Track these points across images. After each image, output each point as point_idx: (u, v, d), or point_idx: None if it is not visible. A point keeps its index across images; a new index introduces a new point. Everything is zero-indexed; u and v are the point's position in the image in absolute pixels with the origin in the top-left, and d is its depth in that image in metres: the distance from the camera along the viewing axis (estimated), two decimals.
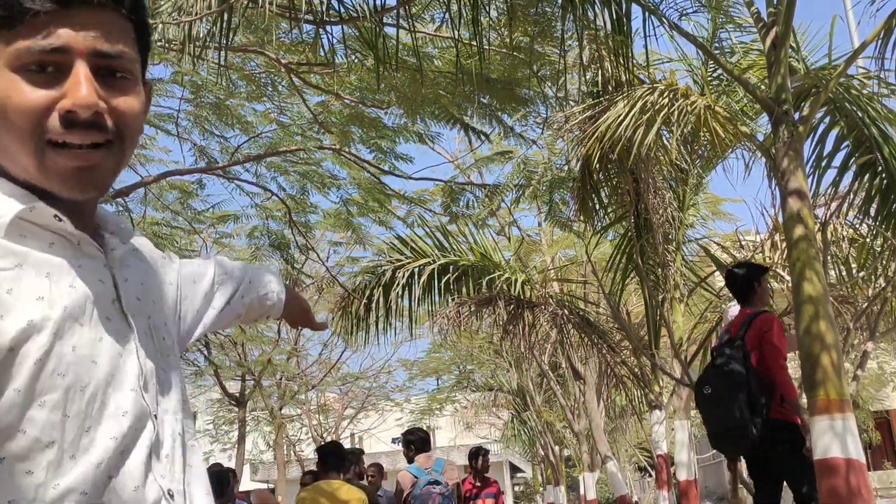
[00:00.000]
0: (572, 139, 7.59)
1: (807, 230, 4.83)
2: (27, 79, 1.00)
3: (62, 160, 1.01)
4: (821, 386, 4.56)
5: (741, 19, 7.60)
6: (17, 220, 1.01)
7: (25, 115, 0.99)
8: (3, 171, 1.07)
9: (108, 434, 1.01)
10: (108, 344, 1.04)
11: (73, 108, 0.99)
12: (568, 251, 16.40)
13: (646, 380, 9.40)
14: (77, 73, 1.00)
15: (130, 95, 1.06)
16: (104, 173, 1.05)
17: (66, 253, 1.05)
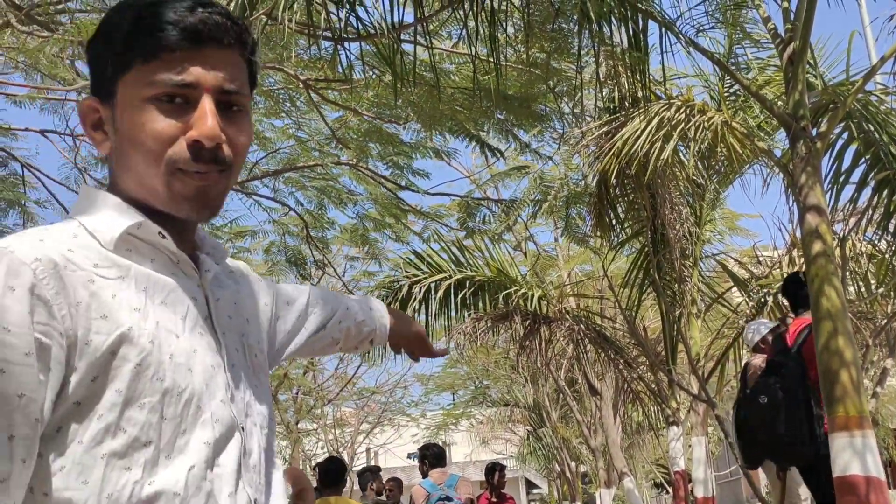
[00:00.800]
0: (589, 155, 7.60)
1: (825, 246, 4.81)
2: (159, 108, 1.09)
3: (187, 183, 1.11)
4: (840, 402, 4.53)
5: (758, 35, 7.60)
6: (126, 236, 1.11)
7: (156, 141, 1.09)
8: (118, 191, 1.16)
9: (202, 439, 1.08)
10: (201, 356, 1.12)
11: (199, 139, 1.09)
12: (584, 266, 16.37)
13: (663, 396, 9.35)
14: (203, 107, 1.10)
15: (244, 128, 1.17)
16: (219, 195, 1.15)
17: (164, 270, 1.14)
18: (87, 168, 9.17)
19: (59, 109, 8.58)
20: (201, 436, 1.07)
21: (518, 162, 11.67)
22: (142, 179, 1.12)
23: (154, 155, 1.09)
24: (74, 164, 9.06)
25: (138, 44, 1.09)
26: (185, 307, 1.13)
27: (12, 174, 9.19)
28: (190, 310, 1.14)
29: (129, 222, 1.11)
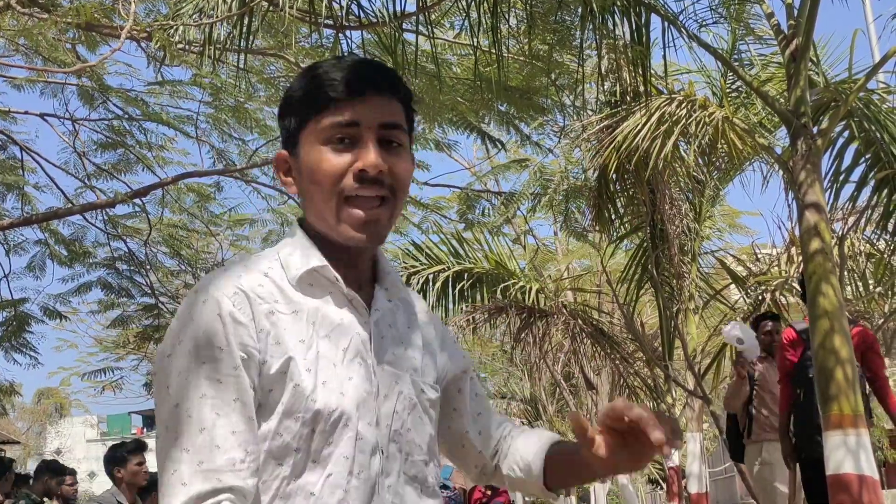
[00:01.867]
0: (589, 148, 7.59)
1: (823, 244, 4.80)
2: (331, 149, 1.30)
3: (355, 212, 1.29)
4: (834, 401, 4.53)
5: (761, 31, 7.57)
6: (308, 274, 1.31)
7: (330, 176, 1.29)
8: (307, 226, 1.37)
9: (343, 453, 1.25)
10: (355, 383, 1.29)
11: (364, 168, 1.28)
12: (583, 261, 16.36)
13: (659, 391, 9.36)
14: (367, 142, 1.29)
15: (403, 160, 1.34)
16: (383, 225, 1.32)
17: (336, 305, 1.33)
18: (87, 152, 9.14)
19: (59, 93, 8.56)
20: (344, 450, 1.25)
21: (518, 155, 11.65)
22: (320, 212, 1.33)
23: (328, 188, 1.29)
24: (73, 148, 9.04)
25: (313, 100, 1.32)
26: (347, 340, 1.31)
27: (11, 158, 9.17)
28: (353, 343, 1.31)
29: (311, 264, 1.32)
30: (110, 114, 8.74)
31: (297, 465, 1.23)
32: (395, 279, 1.43)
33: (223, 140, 9.14)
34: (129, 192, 8.78)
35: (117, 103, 8.55)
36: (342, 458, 1.25)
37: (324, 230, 1.34)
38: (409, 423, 1.34)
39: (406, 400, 1.35)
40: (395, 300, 1.43)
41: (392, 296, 1.42)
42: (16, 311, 9.84)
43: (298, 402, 1.23)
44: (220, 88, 8.24)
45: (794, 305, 8.59)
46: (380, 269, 1.42)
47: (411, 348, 1.41)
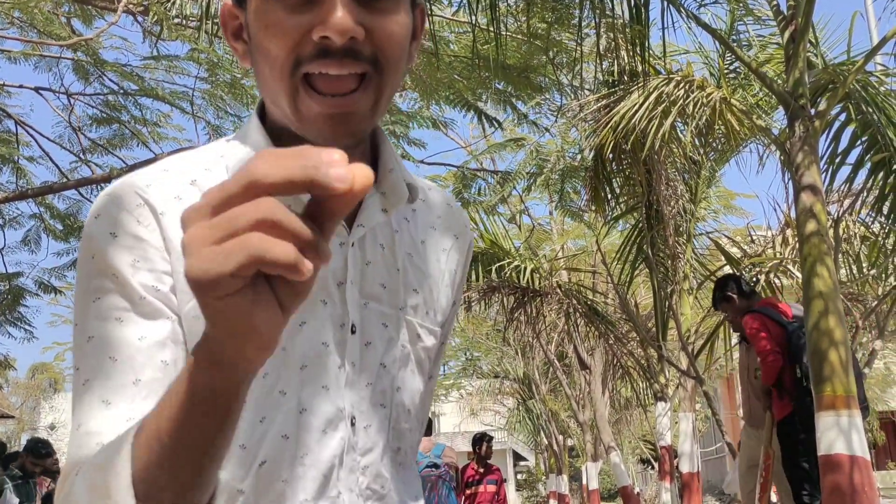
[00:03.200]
0: (586, 128, 7.58)
1: (819, 226, 4.81)
2: (283, 5, 0.88)
3: (315, 106, 0.88)
4: (827, 382, 4.56)
5: (760, 12, 7.55)
6: None
7: (280, 46, 0.88)
8: (265, 113, 1.00)
9: (281, 431, 0.92)
10: (309, 331, 0.94)
11: (326, 34, 0.85)
12: (578, 241, 16.38)
13: (652, 371, 9.40)
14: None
15: (392, 17, 0.90)
16: (359, 118, 0.90)
17: None
18: (82, 127, 9.10)
19: (54, 67, 8.52)
20: (281, 428, 0.91)
21: (515, 134, 11.63)
22: (273, 96, 0.93)
23: (279, 63, 0.89)
24: (69, 122, 9.01)
25: None
26: None
27: (6, 131, 9.13)
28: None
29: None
30: (105, 89, 8.70)
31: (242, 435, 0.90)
32: (399, 179, 1.01)
33: (219, 117, 9.11)
34: (124, 168, 8.75)
35: (113, 78, 8.51)
36: (279, 438, 0.91)
37: (280, 119, 0.95)
38: (399, 380, 1.00)
39: (398, 349, 1.00)
40: (397, 209, 1.03)
41: (391, 204, 1.01)
42: (10, 284, 9.84)
43: None
44: (216, 64, 8.20)
45: (788, 287, 8.62)
46: (380, 164, 1.01)
47: (414, 276, 1.05)
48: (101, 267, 0.88)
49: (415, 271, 1.05)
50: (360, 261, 0.99)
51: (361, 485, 0.95)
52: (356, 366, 0.96)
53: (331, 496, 0.93)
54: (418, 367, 1.04)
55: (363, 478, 0.96)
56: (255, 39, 0.92)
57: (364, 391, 0.96)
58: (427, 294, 1.06)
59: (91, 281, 0.89)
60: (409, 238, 1.06)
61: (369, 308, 0.98)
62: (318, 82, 0.88)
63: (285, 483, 0.91)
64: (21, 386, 39.61)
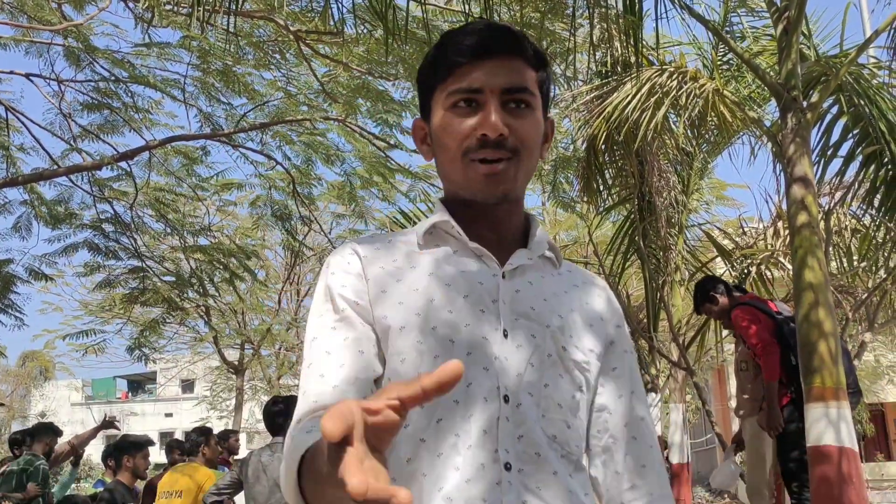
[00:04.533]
0: (579, 119, 7.57)
1: (810, 218, 4.82)
2: (456, 113, 1.32)
3: (479, 171, 1.31)
4: (817, 373, 4.57)
5: (754, 3, 7.55)
6: (432, 231, 1.38)
7: (454, 139, 1.32)
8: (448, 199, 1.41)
9: (452, 396, 1.25)
10: (472, 329, 1.29)
11: (485, 132, 1.29)
12: (570, 232, 16.39)
13: (643, 362, 9.42)
14: (489, 106, 1.30)
15: (528, 121, 1.33)
16: (508, 178, 1.31)
17: (462, 257, 1.36)
18: (72, 114, 9.05)
19: (45, 53, 8.46)
20: (453, 394, 1.21)
21: None
22: (448, 174, 1.37)
23: (453, 151, 1.32)
24: (59, 109, 8.95)
25: (440, 65, 1.35)
26: (468, 288, 1.31)
27: None
28: (474, 291, 1.31)
29: (433, 220, 1.37)
30: (97, 75, 8.65)
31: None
32: (544, 241, 1.41)
33: (210, 104, 9.07)
34: (115, 155, 8.71)
35: (104, 65, 8.46)
36: (451, 402, 1.23)
37: (454, 190, 1.38)
38: (546, 378, 1.29)
39: (542, 353, 1.30)
40: (543, 264, 1.41)
41: (534, 253, 1.39)
42: (0, 271, 9.79)
43: (402, 342, 1.27)
44: (208, 52, 8.16)
45: (780, 279, 8.64)
46: (531, 235, 1.41)
47: (557, 305, 1.36)
48: (325, 293, 1.33)
49: (559, 304, 1.37)
50: (511, 288, 1.34)
51: (518, 449, 1.23)
52: (508, 360, 1.27)
53: (490, 449, 1.22)
54: (567, 373, 1.31)
55: (518, 444, 1.23)
56: (438, 138, 1.36)
57: (514, 380, 1.26)
58: (570, 321, 1.36)
59: (319, 303, 1.33)
60: (554, 285, 1.40)
61: (519, 322, 1.31)
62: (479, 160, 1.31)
63: (457, 436, 1.22)
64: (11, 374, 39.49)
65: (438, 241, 1.38)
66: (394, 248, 1.37)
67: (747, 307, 5.78)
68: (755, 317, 5.71)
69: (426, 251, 1.36)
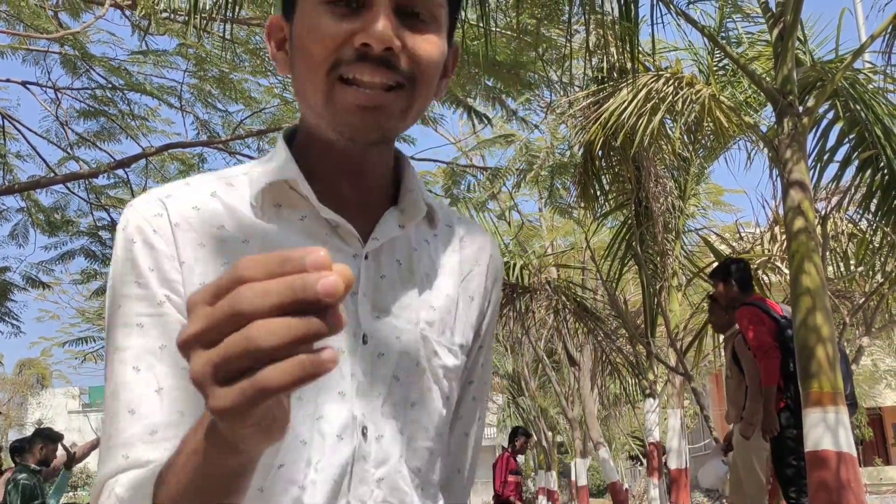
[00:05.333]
0: (575, 125, 7.57)
1: (807, 223, 4.83)
2: (331, 12, 0.93)
3: (349, 97, 0.92)
4: (815, 378, 4.57)
5: (749, 9, 7.58)
6: (275, 187, 0.98)
7: (322, 46, 0.93)
8: (301, 123, 1.04)
9: (299, 436, 0.92)
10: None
11: (368, 42, 0.91)
12: (567, 238, 16.40)
13: (640, 368, 9.43)
14: (377, 8, 0.92)
15: (430, 39, 0.95)
16: (390, 115, 0.94)
17: (313, 232, 0.98)
18: (69, 121, 9.05)
19: (42, 61, 8.47)
20: (298, 433, 0.92)
21: (504, 130, 11.64)
22: (306, 97, 0.97)
23: (317, 63, 0.93)
24: (56, 116, 8.96)
25: None
26: None
27: None
28: None
29: (276, 176, 0.98)
30: (93, 83, 8.66)
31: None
32: (418, 199, 1.03)
33: (207, 111, 9.08)
34: (112, 163, 8.71)
35: (101, 72, 8.47)
36: (298, 442, 0.92)
37: (313, 122, 1.00)
38: (413, 396, 1.00)
39: (410, 363, 0.99)
40: (417, 228, 1.06)
41: (408, 219, 1.03)
42: None
43: None
44: (204, 59, 8.17)
45: (777, 284, 8.65)
46: (401, 186, 1.05)
47: (430, 294, 1.04)
48: (122, 273, 0.93)
49: (432, 290, 1.05)
50: (375, 274, 1.00)
51: (377, 498, 0.95)
52: (368, 376, 0.96)
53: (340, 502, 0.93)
54: (437, 384, 1.02)
55: (378, 491, 0.95)
56: (299, 43, 0.96)
57: (376, 402, 0.96)
58: (445, 314, 1.05)
59: (115, 287, 0.93)
60: (429, 258, 1.07)
61: (382, 321, 0.99)
62: (353, 82, 0.92)
63: (301, 489, 0.92)
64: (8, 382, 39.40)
65: (280, 201, 0.99)
66: (217, 206, 0.97)
67: (752, 308, 5.73)
68: (758, 318, 5.65)
69: (262, 217, 0.98)
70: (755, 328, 5.56)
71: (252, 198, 0.98)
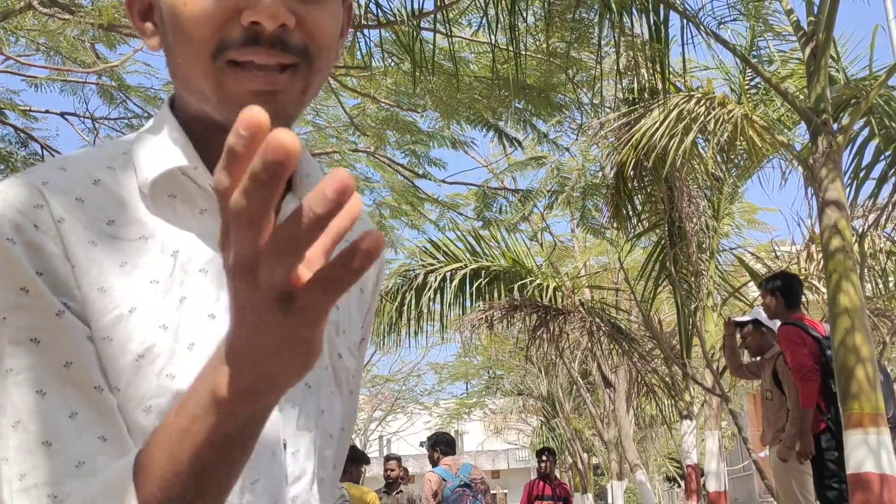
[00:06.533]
0: (607, 146, 7.57)
1: (844, 242, 4.78)
2: None
3: (242, 82, 0.80)
4: (855, 399, 4.51)
5: (780, 28, 7.54)
6: (171, 176, 0.85)
7: (202, 26, 0.80)
8: (178, 103, 0.91)
9: None
10: None
11: (256, 19, 0.78)
12: (600, 258, 16.34)
13: (676, 389, 9.34)
14: None
15: (324, 7, 0.83)
16: (288, 100, 0.82)
17: (215, 227, 0.82)
18: None
19: (79, 91, 8.63)
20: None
21: (536, 152, 11.65)
22: (188, 81, 0.84)
23: (199, 45, 0.80)
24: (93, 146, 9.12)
25: None
26: (222, 275, 0.78)
27: (32, 154, 9.25)
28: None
29: (172, 163, 0.84)
30: (129, 112, 8.81)
31: None
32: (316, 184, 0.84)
33: None
34: None
35: (137, 102, 8.62)
36: None
37: (196, 106, 0.86)
38: (322, 401, 0.90)
39: (319, 366, 0.90)
40: None
41: None
42: None
43: (145, 383, 0.78)
44: None
45: (814, 303, 8.55)
46: (296, 172, 0.91)
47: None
48: (4, 279, 0.75)
49: None
50: None
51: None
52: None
53: None
54: (338, 388, 0.94)
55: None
56: (172, 19, 0.82)
57: (290, 413, 0.86)
58: (344, 313, 0.97)
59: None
60: None
61: None
62: (244, 65, 0.80)
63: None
64: None
65: (174, 191, 0.85)
66: (103, 197, 0.83)
67: (793, 328, 5.61)
68: (800, 339, 5.55)
69: (156, 210, 0.84)
70: (795, 349, 5.47)
71: (143, 186, 0.84)
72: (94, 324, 0.78)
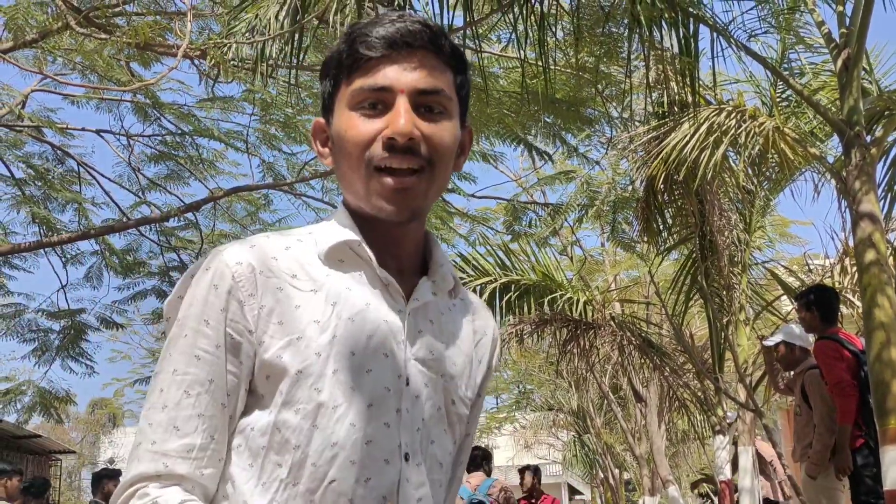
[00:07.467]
0: (637, 159, 7.55)
1: (879, 255, 4.73)
2: (361, 114, 1.16)
3: (384, 179, 1.14)
4: (891, 414, 4.45)
5: (811, 40, 7.49)
6: (338, 247, 1.19)
7: (357, 145, 1.16)
8: (345, 203, 1.25)
9: (349, 456, 1.12)
10: (375, 375, 1.15)
11: (392, 136, 1.13)
12: (631, 272, 16.26)
13: (709, 404, 9.25)
14: (398, 106, 1.14)
15: (443, 127, 1.18)
16: (417, 195, 1.16)
17: (368, 287, 1.18)
18: (141, 167, 9.34)
19: (115, 109, 8.78)
20: (350, 454, 1.11)
21: (566, 166, 11.64)
22: (350, 185, 1.20)
23: (355, 157, 1.16)
24: (128, 163, 9.25)
25: (346, 61, 1.19)
26: (374, 327, 1.15)
27: (69, 171, 9.41)
28: (379, 331, 1.16)
29: (342, 237, 1.18)
30: (163, 129, 8.94)
31: (297, 465, 1.10)
32: (448, 274, 1.27)
33: (272, 153, 9.29)
34: (181, 207, 8.95)
35: (170, 119, 8.75)
36: (348, 462, 1.10)
37: (355, 203, 1.21)
38: (433, 435, 1.20)
39: (433, 407, 1.20)
40: (444, 296, 1.28)
41: (440, 289, 1.26)
42: (73, 320, 10.07)
43: (300, 391, 1.10)
44: (269, 104, 8.37)
45: (849, 317, 8.44)
46: (432, 260, 1.27)
47: (453, 351, 1.26)
48: (199, 310, 1.12)
49: (455, 349, 1.26)
50: (414, 328, 1.20)
51: None
52: (409, 412, 1.16)
53: None
54: (450, 428, 1.24)
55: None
56: (339, 142, 1.19)
57: (415, 435, 1.17)
58: (462, 370, 1.27)
59: (188, 318, 1.12)
60: (452, 323, 1.28)
61: (419, 368, 1.19)
62: (385, 170, 1.15)
63: (350, 501, 1.10)
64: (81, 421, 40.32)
65: (344, 259, 1.19)
66: (291, 259, 1.17)
67: (831, 342, 5.51)
68: (837, 354, 5.44)
69: (331, 271, 1.18)
70: (833, 364, 5.37)
71: (321, 253, 1.18)
72: (268, 347, 1.12)
